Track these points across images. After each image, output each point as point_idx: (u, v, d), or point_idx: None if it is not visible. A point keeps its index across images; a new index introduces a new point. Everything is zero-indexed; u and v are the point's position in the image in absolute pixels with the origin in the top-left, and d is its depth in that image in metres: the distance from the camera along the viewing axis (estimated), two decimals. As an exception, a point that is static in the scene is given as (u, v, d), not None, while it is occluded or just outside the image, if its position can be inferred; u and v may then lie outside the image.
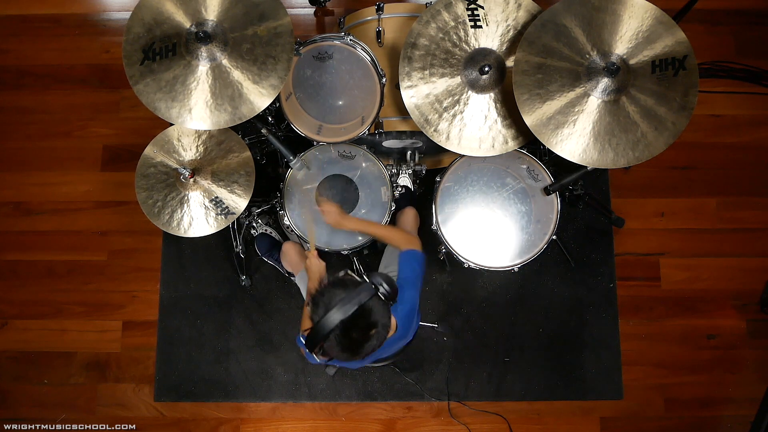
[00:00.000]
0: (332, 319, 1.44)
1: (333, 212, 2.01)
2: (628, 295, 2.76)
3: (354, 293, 1.47)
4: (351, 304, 1.44)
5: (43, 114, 2.97)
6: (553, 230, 2.21)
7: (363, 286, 1.49)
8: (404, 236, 1.97)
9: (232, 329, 2.74)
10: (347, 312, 1.44)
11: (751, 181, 2.85)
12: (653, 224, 2.83)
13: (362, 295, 1.46)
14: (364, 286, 1.49)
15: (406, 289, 1.73)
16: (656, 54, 1.86)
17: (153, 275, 2.80)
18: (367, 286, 1.49)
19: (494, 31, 2.00)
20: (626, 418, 2.69)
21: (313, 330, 1.47)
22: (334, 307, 1.44)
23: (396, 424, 2.69)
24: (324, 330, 1.45)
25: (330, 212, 2.01)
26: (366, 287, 1.49)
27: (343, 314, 1.44)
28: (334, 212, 2.01)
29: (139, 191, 2.14)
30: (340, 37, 2.05)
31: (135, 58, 1.88)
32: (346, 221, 2.03)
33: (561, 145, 1.87)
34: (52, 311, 2.81)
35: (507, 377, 2.69)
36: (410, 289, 1.76)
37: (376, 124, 2.26)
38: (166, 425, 2.72)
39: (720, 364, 2.72)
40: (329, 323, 1.44)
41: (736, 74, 2.91)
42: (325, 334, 1.45)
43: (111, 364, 2.76)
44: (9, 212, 2.89)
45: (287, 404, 2.71)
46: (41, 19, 3.05)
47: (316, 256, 1.97)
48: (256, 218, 2.65)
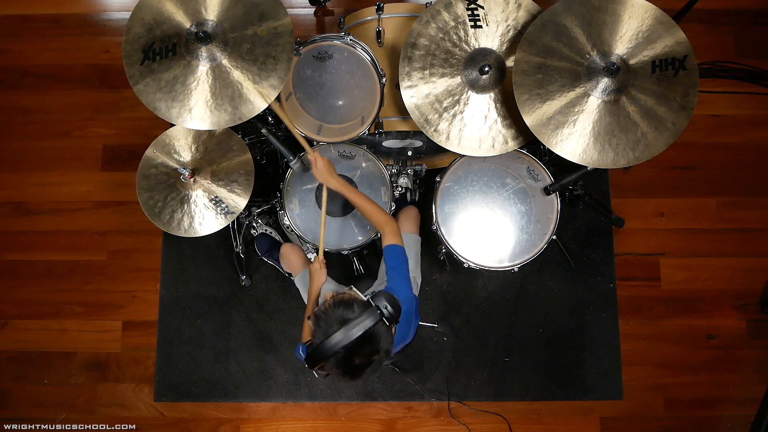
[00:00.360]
0: (335, 343, 1.43)
1: (322, 166, 1.93)
2: (628, 295, 2.76)
3: (359, 317, 1.45)
4: (356, 329, 1.43)
5: (43, 114, 2.97)
6: (553, 230, 2.21)
7: (368, 310, 1.47)
8: (386, 218, 1.90)
9: (232, 329, 2.74)
10: (351, 337, 1.43)
11: (751, 181, 2.85)
12: (653, 224, 2.83)
13: (367, 321, 1.45)
14: (370, 310, 1.47)
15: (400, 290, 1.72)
16: (656, 54, 1.86)
17: (153, 275, 2.80)
18: (372, 311, 1.47)
19: (494, 31, 2.00)
20: (626, 418, 2.69)
21: (314, 350, 1.46)
22: (338, 331, 1.43)
23: (396, 424, 2.69)
24: (325, 352, 1.44)
25: (319, 165, 1.93)
26: (371, 312, 1.47)
27: (347, 340, 1.43)
28: (323, 166, 1.93)
29: (141, 192, 2.14)
30: (340, 37, 2.05)
31: (135, 58, 1.88)
32: (332, 178, 1.94)
33: (561, 145, 1.87)
34: (52, 311, 2.81)
35: (507, 377, 2.69)
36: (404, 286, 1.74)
37: (376, 124, 2.26)
38: (166, 425, 2.72)
39: (720, 364, 2.72)
40: (331, 346, 1.43)
41: (736, 74, 2.91)
42: (327, 356, 1.44)
43: (111, 364, 2.76)
44: (9, 212, 2.90)
45: (287, 404, 2.71)
46: (41, 19, 3.05)
47: (323, 263, 1.96)
48: (256, 218, 2.65)
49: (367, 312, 1.47)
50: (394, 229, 1.87)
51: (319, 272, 1.98)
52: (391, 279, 1.78)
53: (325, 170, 1.94)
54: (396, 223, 1.92)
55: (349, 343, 1.43)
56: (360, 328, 1.43)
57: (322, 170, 1.94)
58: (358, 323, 1.44)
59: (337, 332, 1.43)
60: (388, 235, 1.85)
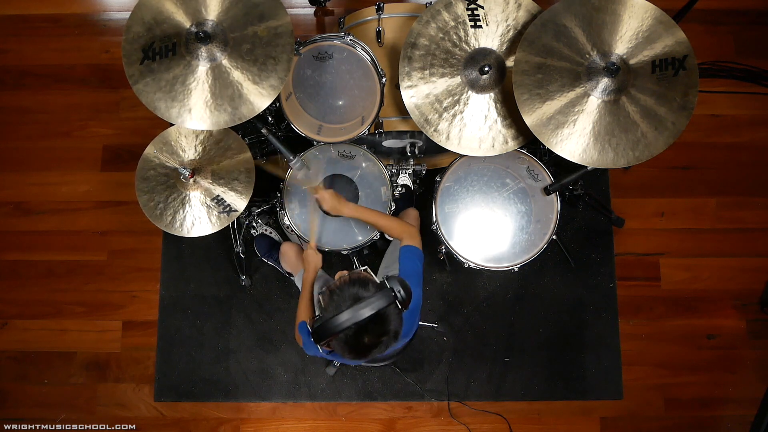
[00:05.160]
0: (346, 318, 1.42)
1: (329, 198, 1.94)
2: (628, 295, 2.76)
3: (373, 297, 1.45)
4: (369, 308, 1.43)
5: (43, 114, 2.97)
6: (553, 230, 2.21)
7: (383, 290, 1.47)
8: (405, 227, 1.92)
9: (232, 329, 2.74)
10: (363, 315, 1.42)
11: (751, 181, 2.85)
12: (653, 224, 2.83)
13: (381, 301, 1.44)
14: (384, 291, 1.47)
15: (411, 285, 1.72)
16: (656, 54, 1.86)
17: (153, 275, 2.80)
18: (386, 292, 1.47)
19: (494, 31, 2.00)
20: (626, 418, 2.69)
21: (324, 323, 1.45)
22: (351, 307, 1.43)
23: (396, 424, 2.69)
24: (336, 327, 1.43)
25: (326, 198, 1.95)
26: (386, 293, 1.46)
27: (360, 317, 1.42)
28: (330, 198, 1.94)
29: (140, 194, 2.13)
30: (340, 37, 2.05)
31: (135, 58, 1.88)
32: (343, 206, 1.95)
33: (561, 145, 1.87)
34: (52, 311, 2.81)
35: (507, 377, 2.69)
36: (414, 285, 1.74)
37: (376, 124, 2.26)
38: (166, 425, 2.72)
39: (720, 364, 2.72)
40: (343, 321, 1.43)
41: (736, 74, 2.91)
42: (337, 331, 1.44)
43: (111, 364, 2.76)
44: (9, 212, 2.90)
45: (287, 404, 2.71)
46: (41, 19, 3.05)
47: (315, 248, 1.99)
48: (256, 218, 2.65)
49: (381, 292, 1.46)
50: (413, 234, 1.89)
51: (315, 257, 1.99)
52: (404, 272, 1.77)
53: (334, 202, 1.94)
54: (414, 228, 1.93)
55: (360, 321, 1.42)
56: (373, 307, 1.43)
57: (331, 204, 1.94)
58: (372, 302, 1.43)
59: (350, 308, 1.43)
60: (407, 239, 1.87)
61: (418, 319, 1.88)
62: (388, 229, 1.96)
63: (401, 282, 1.51)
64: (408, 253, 1.83)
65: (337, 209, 1.95)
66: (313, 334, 1.49)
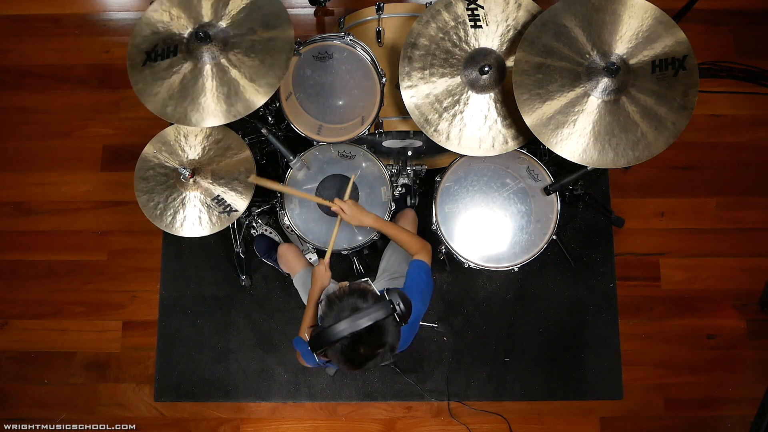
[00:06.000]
0: (343, 328, 1.43)
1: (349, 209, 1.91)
2: (628, 295, 2.76)
3: (372, 308, 1.45)
4: (366, 318, 1.43)
5: (43, 114, 2.97)
6: (553, 230, 2.21)
7: (381, 302, 1.48)
8: (422, 244, 1.92)
9: (232, 329, 2.74)
10: (360, 325, 1.43)
11: (751, 181, 2.85)
12: (653, 224, 2.83)
13: (379, 312, 1.45)
14: (383, 302, 1.48)
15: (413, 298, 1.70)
16: (656, 54, 1.86)
17: (153, 275, 2.80)
18: (385, 304, 1.47)
19: (494, 31, 2.00)
20: (626, 418, 2.69)
21: (322, 331, 1.46)
22: (349, 317, 1.44)
23: (396, 424, 2.69)
24: (333, 336, 1.44)
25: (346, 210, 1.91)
26: (384, 305, 1.47)
27: (357, 327, 1.43)
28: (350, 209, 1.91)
29: (140, 194, 2.13)
30: (340, 37, 2.05)
31: (137, 60, 1.89)
32: (365, 217, 1.92)
33: (561, 145, 1.87)
34: (52, 311, 2.81)
35: (507, 377, 2.69)
36: (417, 299, 1.73)
37: (376, 124, 2.26)
38: (166, 425, 2.72)
39: (720, 364, 2.72)
40: (340, 331, 1.43)
41: (736, 74, 2.91)
42: (334, 340, 1.44)
43: (111, 364, 2.76)
44: (9, 212, 2.90)
45: (287, 404, 2.71)
46: (41, 19, 3.05)
47: (327, 265, 1.95)
48: (256, 218, 2.65)
49: (379, 304, 1.47)
50: (429, 251, 1.90)
51: (324, 275, 1.95)
52: (408, 288, 1.77)
53: (356, 212, 1.91)
54: (429, 246, 1.93)
55: (357, 331, 1.43)
56: (371, 318, 1.43)
57: (353, 214, 1.91)
58: (369, 313, 1.44)
59: (348, 318, 1.43)
60: (420, 255, 1.87)
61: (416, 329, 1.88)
62: (407, 244, 1.93)
63: (401, 295, 1.51)
64: (417, 267, 1.83)
65: (358, 219, 1.92)
66: (310, 342, 1.50)
